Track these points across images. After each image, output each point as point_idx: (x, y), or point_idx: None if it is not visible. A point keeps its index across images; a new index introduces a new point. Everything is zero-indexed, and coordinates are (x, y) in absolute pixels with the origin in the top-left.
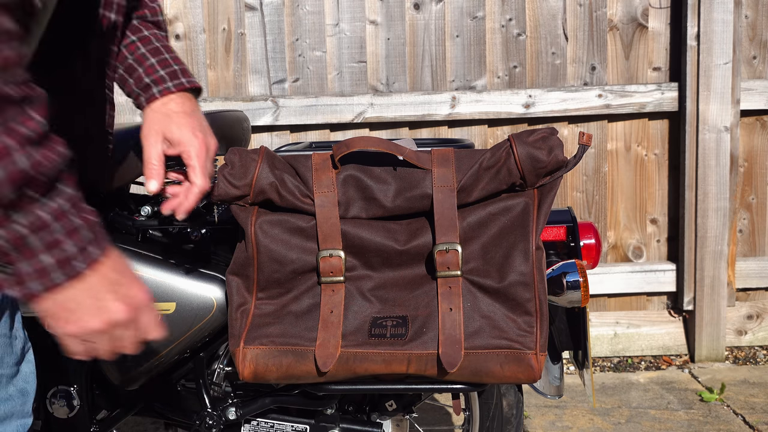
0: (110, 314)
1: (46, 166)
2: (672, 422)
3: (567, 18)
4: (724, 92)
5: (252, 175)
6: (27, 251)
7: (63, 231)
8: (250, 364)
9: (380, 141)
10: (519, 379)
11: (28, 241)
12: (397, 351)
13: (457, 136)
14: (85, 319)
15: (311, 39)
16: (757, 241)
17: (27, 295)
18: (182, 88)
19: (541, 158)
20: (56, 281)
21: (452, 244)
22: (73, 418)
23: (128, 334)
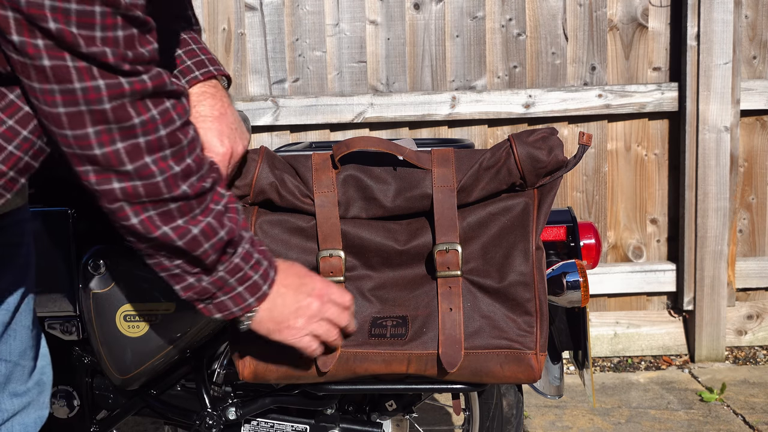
0: (308, 309)
1: (234, 227)
2: (672, 422)
3: (567, 18)
4: (724, 92)
5: (252, 175)
6: (227, 288)
7: (250, 266)
8: (250, 363)
9: (380, 141)
10: (519, 379)
11: (228, 282)
12: (397, 351)
13: (457, 136)
14: (292, 321)
15: (311, 39)
16: (757, 241)
17: (228, 316)
18: (210, 75)
19: (541, 158)
20: (251, 305)
21: (452, 244)
22: (73, 418)
23: (332, 313)
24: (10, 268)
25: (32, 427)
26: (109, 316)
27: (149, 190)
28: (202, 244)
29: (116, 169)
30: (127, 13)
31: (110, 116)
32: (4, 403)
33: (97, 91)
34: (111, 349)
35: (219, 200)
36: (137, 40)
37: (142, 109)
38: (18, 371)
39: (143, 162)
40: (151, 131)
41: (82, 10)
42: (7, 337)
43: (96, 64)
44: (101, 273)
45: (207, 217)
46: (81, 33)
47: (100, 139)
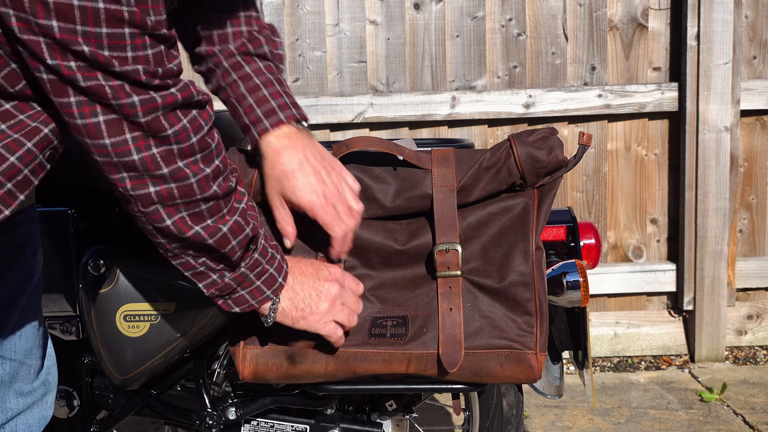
0: (329, 293)
1: (256, 224)
2: (672, 422)
3: (567, 18)
4: (724, 92)
5: (252, 175)
6: (246, 283)
7: (266, 260)
8: (250, 363)
9: (380, 141)
10: (519, 379)
11: (249, 277)
12: (397, 351)
13: (457, 136)
14: (315, 306)
15: (311, 39)
16: (757, 241)
17: (247, 308)
18: (280, 124)
19: (541, 158)
20: (268, 297)
21: (452, 244)
22: (73, 418)
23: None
24: (16, 267)
25: (36, 426)
26: (109, 316)
27: (183, 192)
28: (231, 241)
29: (152, 173)
30: (154, 33)
31: (146, 128)
32: (9, 402)
33: (132, 107)
34: (111, 349)
35: (241, 199)
36: (165, 56)
37: (174, 119)
38: (24, 370)
39: (177, 166)
40: (183, 140)
41: (113, 33)
42: (12, 336)
43: (129, 82)
44: (101, 273)
45: (234, 215)
46: (113, 54)
47: (137, 144)
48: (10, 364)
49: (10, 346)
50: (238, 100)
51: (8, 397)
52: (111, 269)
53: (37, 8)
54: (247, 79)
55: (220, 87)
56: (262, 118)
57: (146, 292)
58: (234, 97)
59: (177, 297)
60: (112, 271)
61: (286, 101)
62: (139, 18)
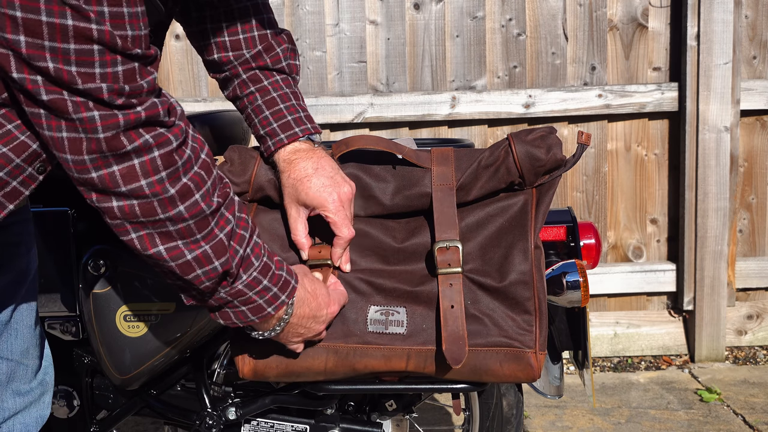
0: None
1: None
2: (672, 422)
3: (567, 18)
4: (724, 92)
5: (251, 172)
6: (230, 305)
7: (255, 292)
8: (249, 361)
9: (380, 139)
10: (518, 378)
11: (232, 301)
12: (397, 347)
13: (457, 136)
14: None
15: (311, 39)
16: (757, 241)
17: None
18: (295, 138)
19: (540, 157)
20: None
21: (453, 241)
22: (73, 418)
23: None
24: (10, 267)
25: (33, 426)
26: (109, 316)
27: (144, 210)
28: (195, 270)
29: (112, 190)
30: (125, 51)
31: (104, 145)
32: (6, 402)
33: (92, 122)
34: (111, 349)
35: (225, 226)
36: (137, 72)
37: (135, 136)
38: (21, 370)
39: (138, 184)
40: (144, 153)
41: (81, 49)
42: (8, 336)
43: (91, 99)
44: (101, 273)
45: (208, 243)
46: (79, 71)
47: (96, 164)
48: (7, 364)
49: (6, 345)
50: (254, 111)
51: (5, 396)
52: (111, 269)
53: (6, 23)
54: (264, 92)
55: (236, 96)
56: (278, 132)
57: (146, 292)
58: (251, 108)
59: (177, 297)
60: (112, 271)
61: (301, 116)
62: (108, 37)
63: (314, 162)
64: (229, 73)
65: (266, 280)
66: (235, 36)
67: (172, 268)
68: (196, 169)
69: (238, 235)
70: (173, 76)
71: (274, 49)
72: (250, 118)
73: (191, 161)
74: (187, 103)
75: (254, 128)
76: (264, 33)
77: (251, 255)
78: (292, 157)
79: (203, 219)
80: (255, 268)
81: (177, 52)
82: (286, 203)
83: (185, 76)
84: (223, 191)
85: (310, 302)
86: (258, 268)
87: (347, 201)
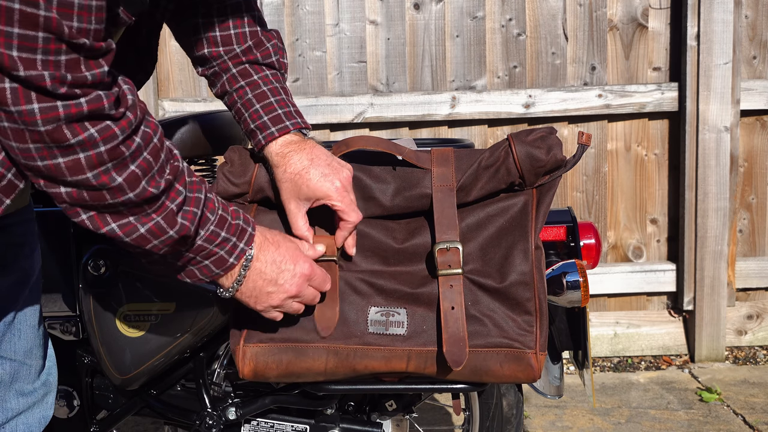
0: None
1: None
2: (672, 422)
3: (567, 18)
4: (724, 92)
5: (251, 173)
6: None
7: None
8: (249, 362)
9: (380, 140)
10: (519, 379)
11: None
12: (397, 348)
13: (457, 136)
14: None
15: (311, 39)
16: (757, 241)
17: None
18: (286, 131)
19: (540, 157)
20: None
21: (453, 242)
22: (73, 418)
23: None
24: (13, 268)
25: (36, 427)
26: (109, 316)
27: (93, 197)
28: (151, 241)
29: (59, 179)
30: (71, 41)
31: (46, 137)
32: (9, 402)
33: (31, 114)
34: (111, 349)
35: (176, 197)
36: (83, 63)
37: (79, 129)
38: (24, 370)
39: (85, 176)
40: (89, 148)
41: (25, 34)
42: (11, 336)
43: (32, 88)
44: (101, 273)
45: (160, 215)
46: (21, 56)
47: (41, 153)
48: (10, 364)
49: (9, 346)
50: (244, 105)
51: (9, 396)
52: (111, 269)
53: None
54: (254, 86)
55: (225, 92)
56: (268, 125)
57: (146, 292)
58: (240, 102)
59: (177, 297)
60: (112, 271)
61: (291, 110)
62: (54, 24)
63: (308, 153)
64: (219, 68)
65: (224, 231)
66: (226, 31)
67: (128, 243)
68: (145, 155)
69: (192, 198)
70: (173, 76)
71: (264, 44)
72: (240, 113)
73: (140, 149)
74: (187, 103)
75: (244, 123)
76: (255, 29)
77: (206, 212)
78: (284, 151)
79: (153, 199)
80: (211, 222)
81: (177, 52)
82: (283, 199)
83: (185, 76)
84: (173, 166)
85: (272, 251)
86: (214, 222)
87: (349, 185)
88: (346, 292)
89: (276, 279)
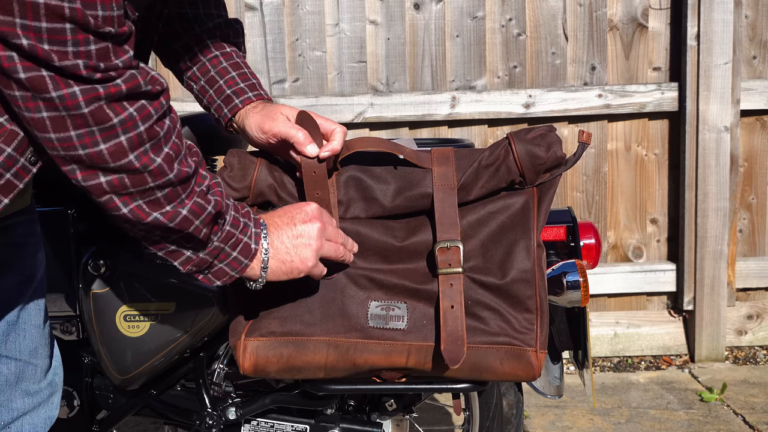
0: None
1: (220, 200)
2: (672, 422)
3: (567, 18)
4: (724, 92)
5: (251, 177)
6: (222, 256)
7: (239, 230)
8: (250, 356)
9: (380, 141)
10: (518, 377)
11: (224, 249)
12: (398, 342)
13: (457, 136)
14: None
15: (311, 39)
16: (757, 241)
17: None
18: (261, 98)
19: (540, 155)
20: (246, 265)
21: (454, 241)
22: (73, 418)
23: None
24: (14, 268)
25: (41, 427)
26: (109, 316)
27: (134, 181)
28: (193, 222)
29: (100, 165)
30: (98, 30)
31: (90, 119)
32: (15, 402)
33: (74, 97)
34: (111, 349)
35: (202, 182)
36: (111, 52)
37: (120, 108)
38: (30, 370)
39: (127, 159)
40: (130, 128)
41: (53, 28)
42: (16, 336)
43: (69, 76)
44: (101, 273)
45: (193, 197)
46: (53, 48)
47: (83, 141)
48: (15, 364)
49: (14, 345)
50: (220, 73)
51: (14, 396)
52: (111, 269)
53: None
54: (228, 57)
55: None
56: (246, 90)
57: (146, 292)
58: (215, 71)
59: (177, 297)
60: (112, 271)
61: (254, 82)
62: (80, 15)
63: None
64: (191, 41)
65: (241, 217)
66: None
67: (172, 228)
68: (174, 138)
69: (215, 183)
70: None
71: (232, 24)
72: (213, 81)
73: (170, 132)
74: (187, 103)
75: (217, 90)
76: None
77: (227, 197)
78: (259, 106)
79: (187, 181)
80: (231, 207)
81: None
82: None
83: None
84: (195, 152)
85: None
86: (232, 207)
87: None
88: (347, 285)
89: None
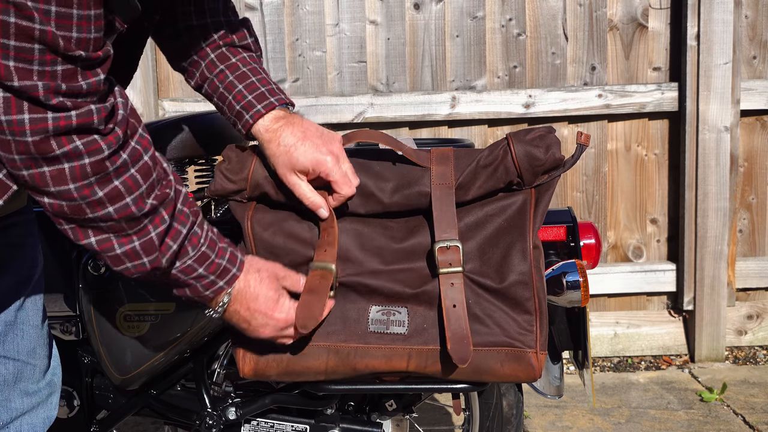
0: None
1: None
2: (672, 422)
3: (567, 18)
4: (724, 92)
5: (248, 169)
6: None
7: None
8: (250, 360)
9: (381, 134)
10: (519, 378)
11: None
12: (398, 346)
13: (457, 136)
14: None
15: (311, 39)
16: (757, 241)
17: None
18: (271, 107)
19: (539, 156)
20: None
21: (453, 240)
22: (73, 418)
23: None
24: (11, 268)
25: (40, 427)
26: (109, 316)
27: (73, 210)
28: (124, 263)
29: (42, 189)
30: (67, 53)
31: (32, 148)
32: (14, 402)
33: (21, 125)
34: (111, 349)
35: (159, 225)
36: (79, 74)
37: (66, 141)
38: (28, 370)
39: (67, 188)
40: (74, 159)
41: (21, 46)
42: (14, 336)
43: (24, 98)
44: (101, 273)
45: (139, 239)
46: (18, 66)
47: (26, 164)
48: (14, 364)
49: (12, 345)
50: (227, 88)
51: (13, 396)
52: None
53: None
54: (234, 68)
55: (206, 78)
56: (254, 103)
57: (146, 292)
58: (223, 86)
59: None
60: (112, 271)
61: (273, 87)
62: (50, 37)
63: (299, 126)
64: (197, 56)
65: (202, 268)
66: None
67: (104, 258)
68: (132, 172)
69: (174, 230)
70: (173, 76)
71: (239, 27)
72: (223, 97)
73: (126, 165)
74: (187, 103)
75: (228, 106)
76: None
77: (187, 246)
78: (274, 126)
79: (134, 219)
80: (190, 257)
81: None
82: (281, 173)
83: None
84: (162, 192)
85: (248, 302)
86: (194, 257)
87: (342, 155)
88: (347, 291)
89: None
